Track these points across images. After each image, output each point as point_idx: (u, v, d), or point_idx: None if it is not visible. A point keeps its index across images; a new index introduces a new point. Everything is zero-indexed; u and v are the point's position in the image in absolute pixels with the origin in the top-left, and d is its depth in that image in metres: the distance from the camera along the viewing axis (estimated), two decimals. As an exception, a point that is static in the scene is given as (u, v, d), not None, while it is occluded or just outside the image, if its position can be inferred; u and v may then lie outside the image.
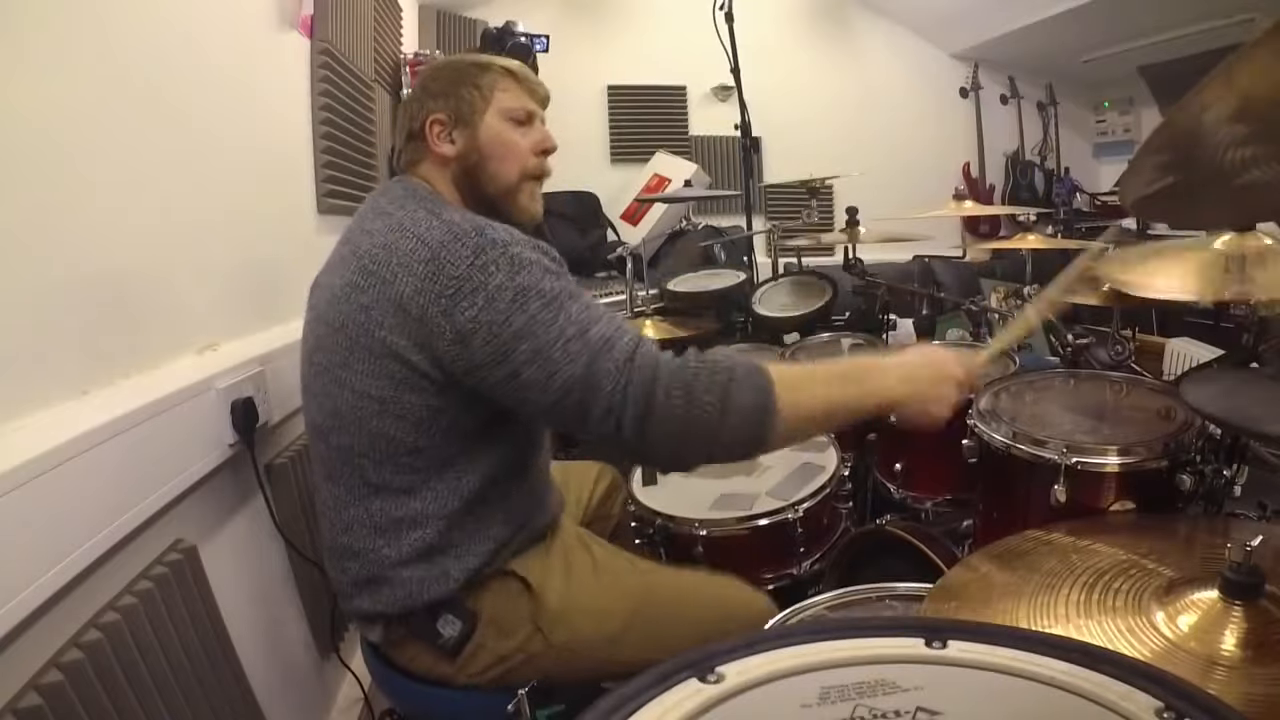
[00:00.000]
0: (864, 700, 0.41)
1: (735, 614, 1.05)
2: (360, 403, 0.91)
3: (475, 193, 1.03)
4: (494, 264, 0.84)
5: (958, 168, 4.26)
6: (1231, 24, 3.11)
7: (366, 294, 0.89)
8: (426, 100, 1.02)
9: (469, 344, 0.84)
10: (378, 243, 0.91)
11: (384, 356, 0.88)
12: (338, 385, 0.92)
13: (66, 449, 0.79)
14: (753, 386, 0.85)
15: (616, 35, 3.90)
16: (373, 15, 2.33)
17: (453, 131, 1.02)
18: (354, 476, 0.95)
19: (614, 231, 3.60)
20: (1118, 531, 0.90)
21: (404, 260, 0.87)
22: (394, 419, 0.91)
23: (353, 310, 0.90)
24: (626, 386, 0.82)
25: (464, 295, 0.84)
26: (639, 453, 0.88)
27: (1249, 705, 0.57)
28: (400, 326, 0.87)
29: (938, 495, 1.45)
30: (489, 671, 1.00)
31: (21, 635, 0.72)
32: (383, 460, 0.93)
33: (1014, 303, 2.09)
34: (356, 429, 0.92)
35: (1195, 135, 0.65)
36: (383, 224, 0.92)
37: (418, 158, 1.04)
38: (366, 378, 0.90)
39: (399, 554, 0.95)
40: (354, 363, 0.90)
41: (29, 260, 0.84)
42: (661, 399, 0.82)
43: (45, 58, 0.88)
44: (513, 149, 1.03)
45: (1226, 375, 1.10)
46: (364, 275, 0.89)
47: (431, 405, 0.90)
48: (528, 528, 1.05)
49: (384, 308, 0.87)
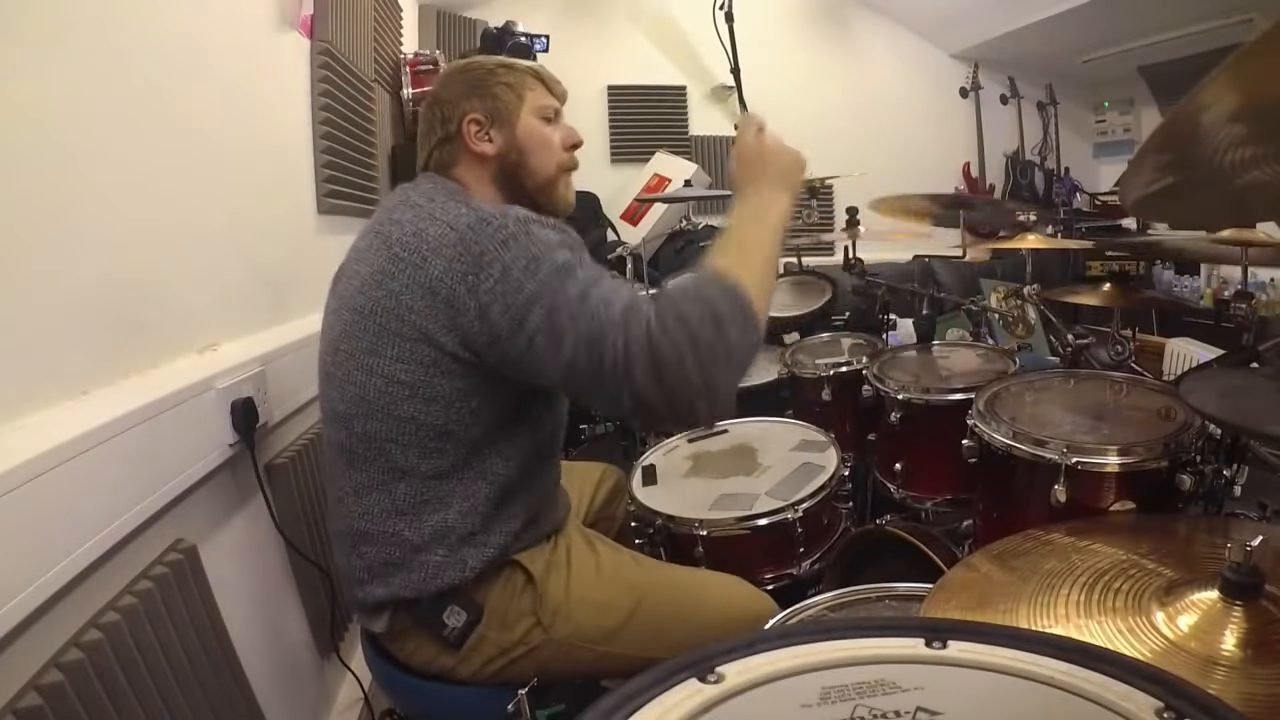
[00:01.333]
0: (864, 700, 0.41)
1: (736, 612, 1.06)
2: (390, 388, 0.92)
3: (516, 188, 1.06)
4: (512, 238, 0.87)
5: (958, 168, 4.26)
6: (1231, 24, 3.11)
7: (397, 280, 0.90)
8: (460, 101, 1.04)
9: (489, 316, 0.86)
10: (408, 231, 0.92)
11: (415, 341, 0.90)
12: (366, 372, 0.93)
13: (66, 449, 0.79)
14: (718, 283, 0.86)
15: (616, 35, 3.90)
16: (373, 15, 2.33)
17: (490, 130, 1.04)
18: (379, 461, 0.96)
19: (614, 231, 3.60)
20: (1118, 531, 0.90)
21: (434, 246, 0.89)
22: (424, 403, 0.92)
23: (382, 296, 0.92)
24: (627, 336, 0.82)
25: (484, 268, 0.86)
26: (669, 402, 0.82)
27: (1249, 705, 0.57)
28: (430, 310, 0.89)
29: (938, 495, 1.45)
30: (490, 665, 1.00)
31: (21, 635, 0.72)
32: (410, 444, 0.94)
33: (1014, 302, 2.09)
34: (385, 414, 0.93)
35: (1195, 135, 0.65)
36: (413, 214, 0.94)
37: (452, 159, 1.06)
38: (396, 363, 0.91)
39: (420, 536, 0.96)
40: (383, 348, 0.92)
41: (29, 260, 0.84)
42: (665, 343, 0.81)
43: (45, 58, 0.88)
44: (548, 144, 1.08)
45: (1226, 375, 1.10)
46: (394, 262, 0.91)
47: (460, 388, 0.92)
48: (540, 522, 1.06)
49: (414, 292, 0.89)
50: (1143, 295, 1.77)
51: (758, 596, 1.10)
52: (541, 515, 1.07)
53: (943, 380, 1.53)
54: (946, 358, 1.69)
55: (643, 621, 1.03)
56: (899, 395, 1.45)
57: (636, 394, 0.82)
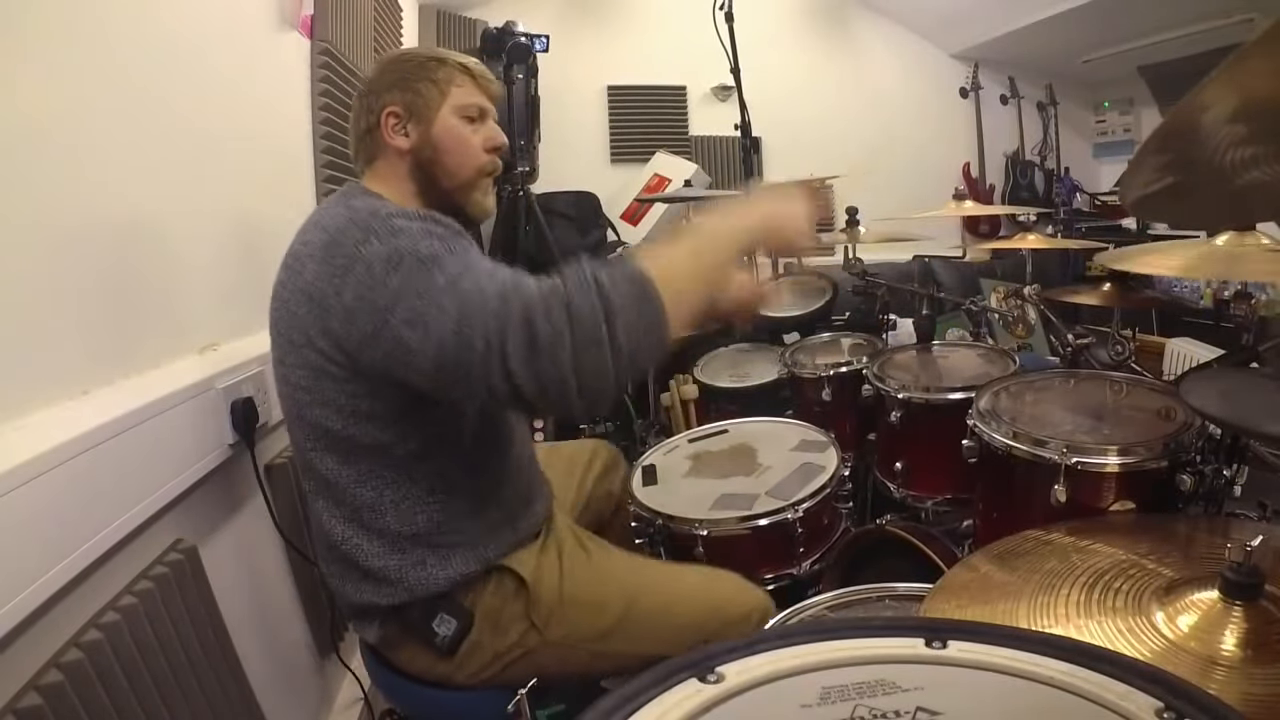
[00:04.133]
0: (864, 700, 0.41)
1: (731, 607, 1.05)
2: (296, 394, 0.93)
3: (432, 188, 1.04)
4: (375, 235, 0.84)
5: (958, 168, 4.26)
6: (1231, 24, 3.11)
7: (286, 288, 0.92)
8: (383, 93, 1.02)
9: (355, 319, 0.83)
10: (298, 240, 0.94)
11: (302, 346, 0.90)
12: (283, 382, 0.96)
13: (66, 449, 0.79)
14: (626, 277, 0.77)
15: (616, 35, 3.90)
16: (373, 15, 2.33)
17: (407, 125, 1.02)
18: (312, 470, 0.97)
19: (614, 231, 3.60)
20: (1118, 531, 0.90)
21: (311, 251, 0.90)
22: (320, 407, 0.92)
23: (278, 307, 0.94)
24: (505, 324, 0.75)
25: (349, 270, 0.83)
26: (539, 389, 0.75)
27: (1249, 705, 0.57)
28: (309, 315, 0.89)
29: (938, 495, 1.45)
30: (486, 670, 1.00)
31: (21, 635, 0.72)
32: (325, 451, 0.95)
33: (1014, 302, 2.09)
34: (300, 421, 0.95)
35: (1195, 135, 0.65)
36: (309, 222, 0.96)
37: (374, 152, 1.05)
38: (295, 369, 0.92)
39: (372, 545, 0.96)
40: (286, 358, 0.93)
41: (29, 260, 0.84)
42: (542, 322, 0.74)
43: (45, 58, 0.88)
44: (466, 145, 1.04)
45: (1226, 375, 1.10)
46: (285, 272, 0.93)
47: (346, 390, 0.91)
48: (518, 524, 1.05)
49: (298, 299, 0.90)
50: (1143, 295, 1.77)
51: (752, 591, 1.09)
52: (518, 516, 1.06)
53: (943, 380, 1.53)
54: (946, 358, 1.69)
55: (637, 619, 1.03)
56: (899, 395, 1.45)
57: (510, 376, 0.75)
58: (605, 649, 1.02)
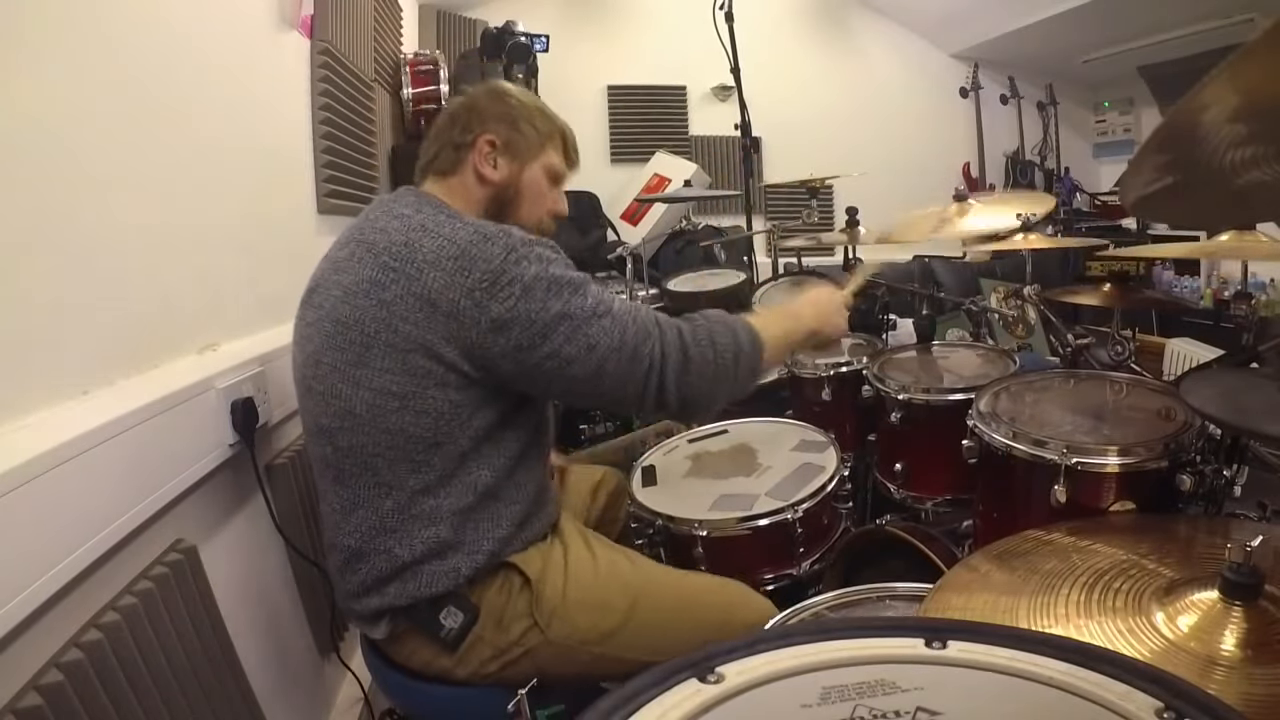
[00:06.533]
0: (864, 700, 0.41)
1: (735, 616, 1.05)
2: (378, 400, 0.92)
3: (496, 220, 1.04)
4: (525, 259, 0.91)
5: (958, 168, 4.26)
6: (1231, 24, 3.11)
7: (389, 290, 0.90)
8: (489, 119, 1.06)
9: (507, 331, 0.90)
10: (397, 240, 0.92)
11: (408, 352, 0.90)
12: (351, 384, 0.93)
13: (66, 449, 0.79)
14: (746, 331, 1.06)
15: (616, 35, 3.90)
16: (373, 15, 2.33)
17: (499, 157, 1.06)
18: (365, 476, 0.96)
19: (614, 231, 3.60)
20: (1118, 531, 0.90)
21: (430, 258, 0.90)
22: (414, 415, 0.92)
23: (371, 306, 0.91)
24: (663, 346, 0.97)
25: (501, 287, 0.89)
26: (682, 401, 1.00)
27: (1249, 705, 0.57)
28: (428, 321, 0.89)
29: (938, 495, 1.45)
30: (487, 666, 1.00)
31: (21, 635, 0.72)
32: (398, 459, 0.94)
33: (1014, 302, 2.09)
34: (371, 427, 0.93)
35: (1195, 135, 0.65)
36: (400, 224, 0.94)
37: (454, 168, 1.06)
38: (385, 374, 0.91)
39: (411, 553, 0.96)
40: (371, 359, 0.91)
41: (29, 260, 0.84)
42: (695, 350, 0.99)
43: (45, 58, 0.88)
44: (542, 201, 1.11)
45: (1226, 375, 1.10)
46: (384, 271, 0.91)
47: (453, 400, 0.93)
48: (532, 524, 1.06)
49: (409, 303, 0.89)
50: (1143, 295, 1.77)
51: (757, 601, 1.10)
52: (533, 516, 1.07)
53: (943, 380, 1.53)
54: (946, 358, 1.69)
55: (639, 623, 1.03)
56: (899, 395, 1.45)
57: (663, 389, 0.97)
58: (607, 651, 1.02)
